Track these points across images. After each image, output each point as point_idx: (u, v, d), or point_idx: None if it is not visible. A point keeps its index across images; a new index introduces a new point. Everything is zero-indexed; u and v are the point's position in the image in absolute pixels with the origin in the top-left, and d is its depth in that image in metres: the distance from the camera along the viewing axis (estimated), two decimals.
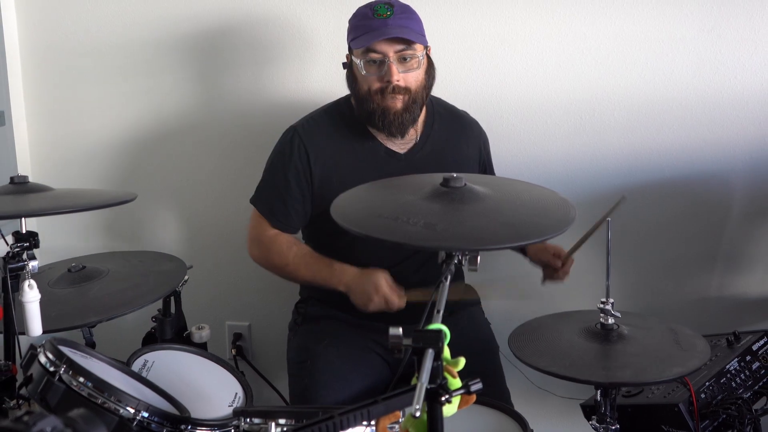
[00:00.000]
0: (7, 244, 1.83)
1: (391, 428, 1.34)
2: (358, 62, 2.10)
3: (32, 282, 1.75)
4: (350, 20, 2.16)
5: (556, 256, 2.17)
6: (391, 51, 2.06)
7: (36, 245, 1.84)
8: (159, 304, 2.21)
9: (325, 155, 2.19)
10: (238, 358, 2.78)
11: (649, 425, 2.00)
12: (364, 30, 2.08)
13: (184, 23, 2.66)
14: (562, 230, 1.53)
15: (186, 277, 2.20)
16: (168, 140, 2.76)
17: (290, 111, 2.37)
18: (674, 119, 2.45)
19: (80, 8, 2.71)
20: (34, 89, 2.79)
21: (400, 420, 1.37)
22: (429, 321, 1.28)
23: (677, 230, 2.54)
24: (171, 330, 2.21)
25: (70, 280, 2.13)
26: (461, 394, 1.23)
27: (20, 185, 1.97)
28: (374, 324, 2.18)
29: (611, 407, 1.83)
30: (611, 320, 1.88)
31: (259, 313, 2.83)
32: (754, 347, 2.10)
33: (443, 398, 1.20)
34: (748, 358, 2.08)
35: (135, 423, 1.59)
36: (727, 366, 2.04)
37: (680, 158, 2.47)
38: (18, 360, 1.82)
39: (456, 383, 1.24)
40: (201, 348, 2.13)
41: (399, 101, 2.09)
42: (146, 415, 1.61)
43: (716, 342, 2.15)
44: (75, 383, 1.60)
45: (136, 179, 2.78)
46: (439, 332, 1.21)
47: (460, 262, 1.46)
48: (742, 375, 2.05)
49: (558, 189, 1.76)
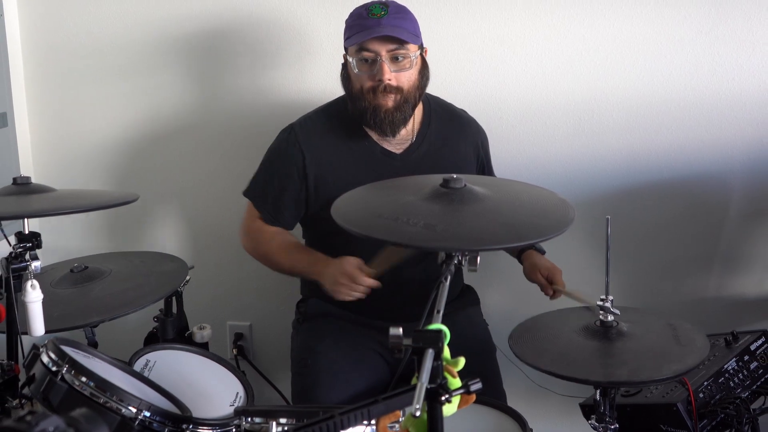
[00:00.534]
0: (10, 245, 1.83)
1: (392, 428, 1.34)
2: (352, 61, 2.12)
3: (35, 282, 1.75)
4: (346, 20, 2.17)
5: (549, 281, 2.15)
6: (384, 50, 2.07)
7: (38, 246, 1.84)
8: (161, 304, 2.21)
9: (321, 154, 2.20)
10: (239, 358, 2.79)
11: (648, 424, 2.00)
12: (358, 29, 2.10)
13: (186, 24, 2.66)
14: (562, 231, 1.53)
15: (187, 278, 2.20)
16: (169, 141, 2.77)
17: (292, 111, 2.37)
18: (672, 120, 2.46)
19: (82, 10, 2.71)
20: (37, 90, 2.80)
21: (401, 419, 1.37)
22: (429, 321, 1.29)
23: (675, 231, 2.54)
24: (173, 330, 2.22)
25: (73, 281, 2.14)
26: (461, 394, 1.23)
27: (23, 186, 1.98)
28: (375, 323, 2.20)
29: (610, 407, 1.82)
30: (610, 317, 1.87)
31: (260, 313, 2.84)
32: (752, 347, 2.11)
33: (443, 398, 1.20)
34: (746, 358, 2.08)
35: (137, 422, 1.60)
36: (726, 366, 2.04)
37: (678, 159, 2.47)
38: (21, 360, 1.82)
39: (456, 383, 1.24)
40: (202, 348, 2.13)
41: (390, 100, 2.10)
42: (148, 415, 1.61)
43: (714, 342, 2.14)
44: (77, 383, 1.61)
45: (138, 180, 2.78)
46: (439, 332, 1.21)
47: (460, 263, 1.46)
48: (740, 375, 2.06)
49: (557, 190, 1.77)
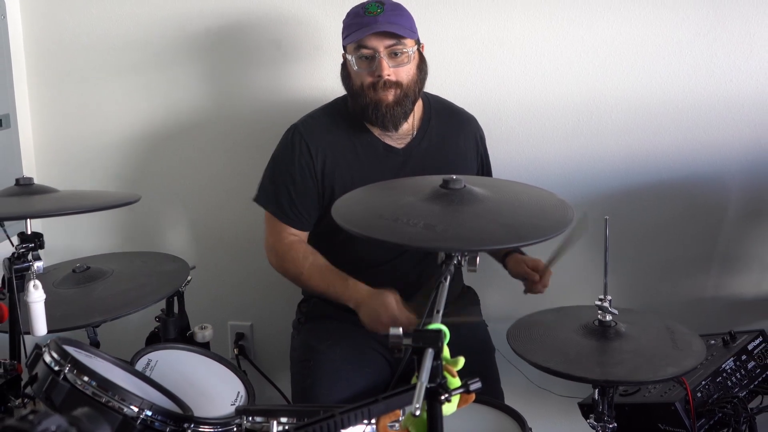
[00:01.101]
0: (13, 245, 1.84)
1: (392, 427, 1.34)
2: (351, 58, 2.14)
3: (37, 282, 1.76)
4: (344, 20, 2.19)
5: (534, 269, 2.16)
6: (381, 46, 2.09)
7: (41, 246, 1.85)
8: (162, 304, 2.22)
9: (326, 150, 2.21)
10: (241, 358, 2.79)
11: (646, 424, 2.01)
12: (356, 27, 2.12)
13: (189, 25, 2.67)
14: (561, 231, 1.54)
15: (189, 278, 2.21)
16: (171, 142, 2.77)
17: (295, 112, 2.36)
18: (671, 122, 2.47)
19: (84, 11, 2.72)
20: (39, 92, 2.80)
21: (401, 419, 1.38)
22: (429, 321, 1.30)
23: (674, 231, 2.55)
24: (174, 330, 2.22)
25: (75, 281, 2.15)
26: (460, 393, 1.24)
27: (25, 187, 1.98)
28: None
29: (609, 406, 1.83)
30: (609, 317, 1.88)
31: (261, 313, 2.84)
32: (750, 347, 2.12)
33: (443, 397, 1.21)
34: (744, 358, 2.10)
35: (139, 422, 1.60)
36: (723, 365, 2.05)
37: (677, 160, 2.48)
38: (23, 359, 1.82)
39: (455, 382, 1.25)
40: (204, 347, 2.14)
41: (391, 95, 2.12)
42: (150, 414, 1.61)
43: (712, 341, 2.16)
44: (79, 382, 1.61)
45: (140, 181, 2.79)
46: (439, 332, 1.22)
47: (460, 263, 1.47)
48: (738, 374, 2.07)
49: (556, 190, 1.77)
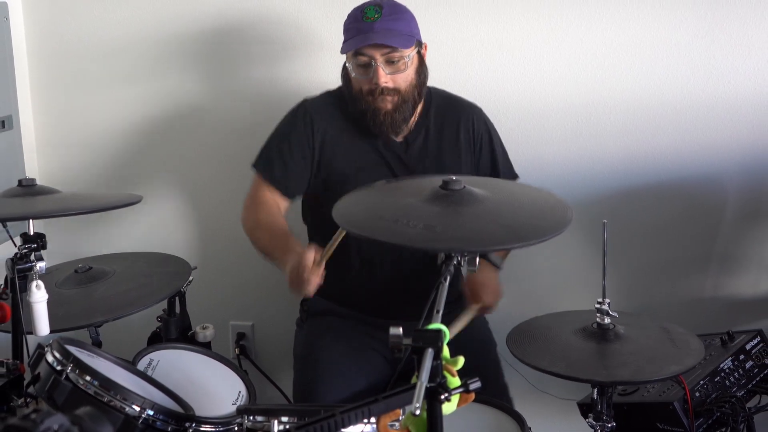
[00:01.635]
0: (15, 246, 1.85)
1: (392, 426, 1.35)
2: (349, 65, 2.14)
3: (39, 282, 1.78)
4: (344, 22, 2.18)
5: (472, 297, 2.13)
6: (378, 54, 2.08)
7: (43, 246, 1.86)
8: (164, 305, 2.23)
9: (327, 130, 2.23)
10: (242, 357, 2.79)
11: (645, 423, 2.02)
12: (353, 33, 2.11)
13: (190, 26, 2.68)
14: (560, 231, 1.55)
15: (190, 278, 2.22)
16: (173, 143, 2.78)
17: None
18: (669, 123, 2.47)
19: (87, 13, 2.72)
20: (42, 93, 2.81)
21: (401, 418, 1.38)
22: (428, 321, 1.30)
23: (672, 232, 2.55)
24: (176, 330, 2.23)
25: (77, 281, 2.16)
26: (460, 393, 1.25)
27: (28, 188, 1.99)
28: (377, 321, 2.21)
29: (607, 405, 1.84)
30: (607, 320, 1.89)
31: (263, 314, 2.85)
32: (748, 346, 2.13)
33: (443, 396, 1.21)
34: (742, 357, 2.10)
35: (140, 421, 1.61)
36: (721, 365, 2.06)
37: (675, 161, 2.49)
38: (26, 359, 1.83)
39: (455, 382, 1.26)
40: (205, 347, 2.14)
41: (389, 102, 2.11)
42: (151, 413, 1.62)
43: (710, 341, 2.16)
44: (81, 382, 1.62)
45: (142, 182, 2.80)
46: (439, 332, 1.23)
47: (459, 263, 1.48)
48: (736, 374, 2.07)
49: (555, 191, 1.78)
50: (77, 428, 0.85)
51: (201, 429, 1.69)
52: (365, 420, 1.52)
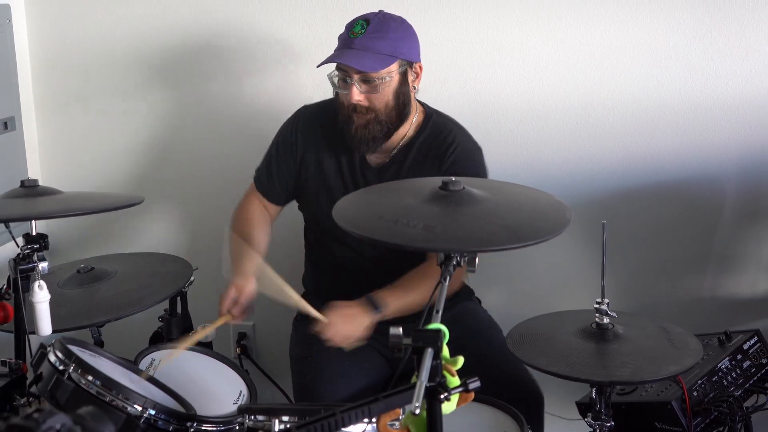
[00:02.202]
0: (18, 246, 1.86)
1: (392, 425, 1.34)
2: (331, 78, 2.13)
3: (42, 283, 1.78)
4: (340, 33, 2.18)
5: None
6: (353, 71, 2.06)
7: (46, 247, 1.86)
8: (165, 304, 2.24)
9: (309, 144, 2.25)
10: (243, 357, 2.80)
11: (643, 422, 2.02)
12: (338, 46, 2.11)
13: (191, 29, 2.68)
14: (559, 232, 1.56)
15: (192, 278, 2.23)
16: (174, 144, 2.79)
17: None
18: (667, 124, 2.48)
19: (89, 15, 2.73)
20: (44, 95, 2.82)
21: (401, 417, 1.37)
22: (428, 321, 1.31)
23: (670, 232, 2.56)
24: (177, 329, 2.24)
25: (79, 281, 2.17)
26: (460, 392, 1.25)
27: (30, 188, 1.99)
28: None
29: (606, 405, 1.84)
30: (606, 320, 1.89)
31: (263, 314, 2.82)
32: (745, 346, 2.13)
33: (442, 396, 1.22)
34: (739, 357, 2.11)
35: (142, 420, 1.61)
36: (719, 364, 2.07)
37: (673, 162, 2.49)
38: (28, 359, 1.84)
39: (455, 381, 1.26)
40: (206, 347, 2.14)
41: (361, 118, 2.10)
42: (153, 413, 1.63)
43: (708, 341, 2.16)
44: (84, 381, 1.62)
45: (144, 183, 2.80)
46: (438, 332, 1.23)
47: (459, 264, 1.48)
48: (734, 373, 2.08)
49: (554, 192, 1.78)
50: (79, 428, 0.85)
51: (202, 428, 1.70)
52: (366, 419, 1.53)
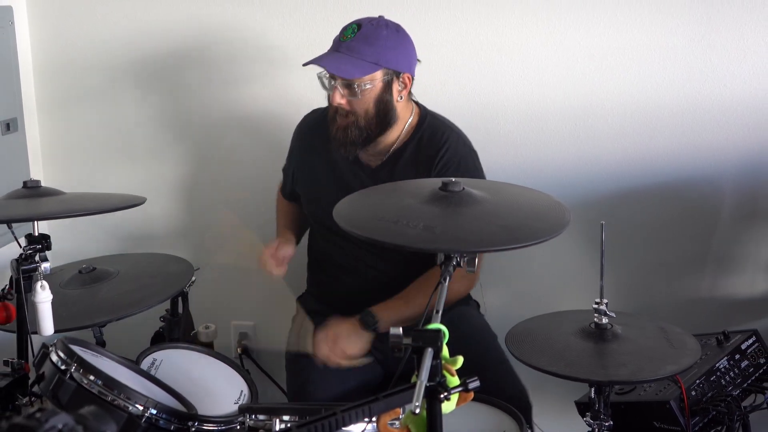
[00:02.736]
0: (20, 247, 1.86)
1: (392, 425, 1.35)
2: (322, 78, 2.13)
3: (44, 283, 1.79)
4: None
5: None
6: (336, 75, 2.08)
7: (48, 247, 1.87)
8: (167, 305, 2.24)
9: (306, 148, 2.31)
10: (244, 357, 2.81)
11: (642, 422, 2.03)
12: (330, 47, 2.12)
13: (193, 31, 2.69)
14: (558, 233, 1.57)
15: (193, 279, 2.23)
16: (176, 145, 2.80)
17: (297, 117, 2.40)
18: (666, 125, 2.49)
19: (91, 16, 2.74)
20: (46, 96, 2.82)
21: (401, 416, 1.38)
22: (428, 321, 1.31)
23: (669, 233, 2.57)
24: (179, 329, 2.24)
25: (81, 281, 2.17)
26: (459, 392, 1.26)
27: (33, 189, 1.99)
28: None
29: (605, 404, 1.85)
30: (605, 320, 1.89)
31: (264, 314, 2.86)
32: (743, 346, 2.14)
33: (442, 395, 1.23)
34: (737, 357, 2.12)
35: (144, 420, 1.62)
36: (717, 364, 2.07)
37: (672, 163, 2.50)
38: (30, 358, 1.85)
39: (454, 381, 1.27)
40: (208, 347, 2.17)
41: (342, 121, 2.12)
42: (154, 412, 1.64)
43: (706, 341, 2.17)
44: (85, 381, 1.64)
45: (145, 183, 2.80)
46: (438, 332, 1.24)
47: (459, 264, 1.49)
48: (732, 373, 2.09)
49: (553, 193, 1.79)
50: (81, 427, 0.85)
51: (203, 428, 1.71)
52: (366, 419, 1.53)
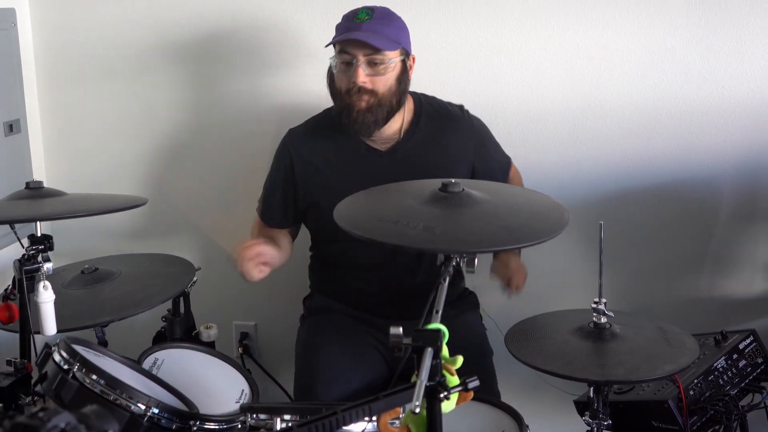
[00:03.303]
0: (23, 247, 1.87)
1: (392, 424, 1.35)
2: (333, 61, 2.17)
3: (47, 283, 1.80)
4: (337, 23, 2.22)
5: (504, 276, 2.23)
6: (360, 54, 2.10)
7: (50, 248, 1.88)
8: (169, 305, 2.25)
9: (309, 157, 2.28)
10: (245, 357, 2.82)
11: (640, 421, 2.04)
12: (341, 30, 2.15)
13: (196, 31, 2.69)
14: (557, 233, 1.58)
15: (194, 279, 2.24)
16: (178, 146, 2.80)
17: (298, 117, 2.40)
18: (664, 126, 2.49)
19: (93, 18, 2.74)
20: (49, 98, 2.83)
21: (401, 416, 1.37)
22: (428, 321, 1.32)
23: (668, 233, 2.58)
24: (180, 329, 2.25)
25: (83, 282, 2.18)
26: (459, 391, 1.26)
27: (35, 190, 2.00)
28: (375, 320, 2.25)
29: (604, 404, 1.86)
30: (604, 319, 1.90)
31: (265, 314, 2.87)
32: (741, 346, 2.15)
33: (442, 395, 1.23)
34: (735, 357, 2.12)
35: (146, 419, 1.63)
36: (715, 364, 2.08)
37: (670, 164, 2.51)
38: (33, 358, 1.85)
39: (454, 380, 1.27)
40: (209, 347, 2.16)
41: (363, 102, 2.13)
42: (156, 411, 1.64)
43: (704, 341, 2.18)
44: (88, 381, 1.64)
45: (147, 184, 2.82)
46: (438, 332, 1.25)
47: (459, 264, 1.50)
48: (729, 372, 2.10)
49: (552, 194, 1.80)
50: (84, 426, 0.85)
51: (205, 427, 1.71)
52: (366, 418, 1.54)
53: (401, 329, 1.26)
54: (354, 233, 1.57)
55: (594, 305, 1.92)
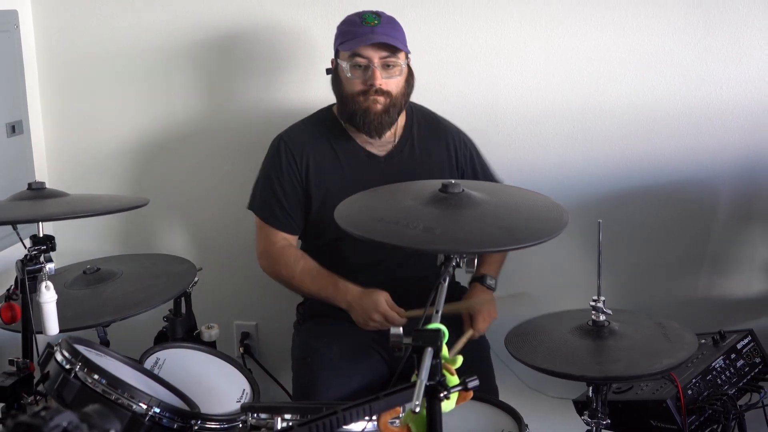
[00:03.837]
0: (25, 247, 1.87)
1: (392, 423, 1.35)
2: (345, 65, 2.18)
3: (49, 283, 1.80)
4: (339, 26, 2.24)
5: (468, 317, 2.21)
6: (376, 57, 2.15)
7: (52, 248, 1.88)
8: (170, 305, 2.25)
9: (310, 157, 2.29)
10: (246, 356, 2.82)
11: (639, 420, 2.04)
12: (352, 36, 2.17)
13: (197, 33, 2.70)
14: (556, 233, 1.59)
15: (196, 279, 2.24)
16: (178, 147, 2.81)
17: (298, 118, 2.42)
18: (663, 128, 2.50)
19: (95, 20, 2.75)
20: (51, 99, 2.83)
21: (401, 415, 1.38)
22: (428, 321, 1.33)
23: (666, 234, 2.58)
24: (182, 329, 2.24)
25: (85, 282, 2.18)
26: (459, 391, 1.27)
27: (37, 191, 2.01)
28: None
29: (602, 403, 1.86)
30: (602, 317, 1.90)
31: (266, 313, 2.87)
32: (739, 346, 2.15)
33: (442, 394, 1.24)
34: (733, 356, 2.13)
35: (147, 418, 1.63)
36: (713, 363, 2.09)
37: (668, 165, 2.51)
38: (35, 358, 1.85)
39: (454, 380, 1.28)
40: (210, 346, 2.16)
41: (379, 104, 2.17)
42: (158, 411, 1.65)
43: (703, 341, 2.17)
44: (90, 380, 1.64)
45: (149, 185, 2.82)
46: (438, 331, 1.26)
47: (458, 264, 1.51)
48: (727, 372, 2.10)
49: (552, 194, 1.81)
50: (86, 425, 0.85)
51: (206, 426, 1.72)
52: (366, 417, 1.54)
53: (401, 329, 1.27)
54: (354, 234, 1.58)
55: (592, 303, 1.92)
